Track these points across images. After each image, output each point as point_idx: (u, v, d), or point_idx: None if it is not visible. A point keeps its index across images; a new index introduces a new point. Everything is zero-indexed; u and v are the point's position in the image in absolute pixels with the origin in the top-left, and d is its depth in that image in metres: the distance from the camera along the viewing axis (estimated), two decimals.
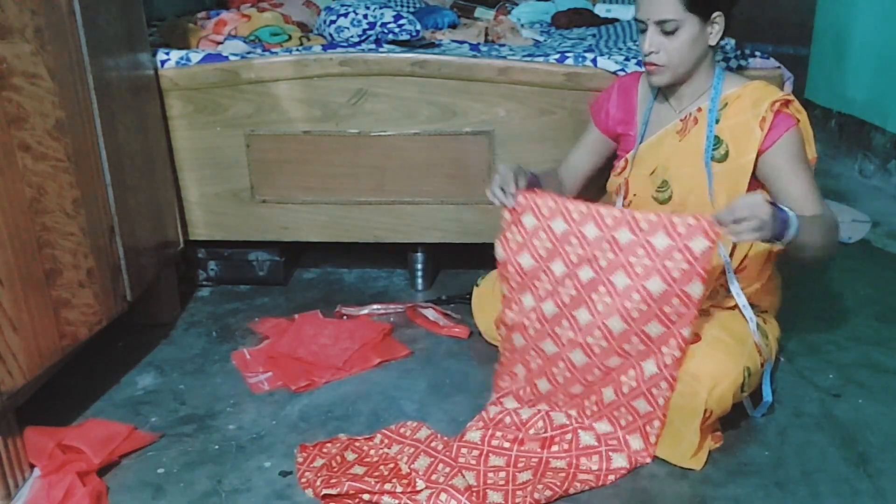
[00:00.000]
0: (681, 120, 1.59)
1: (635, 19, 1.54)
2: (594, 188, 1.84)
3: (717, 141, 1.54)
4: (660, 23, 1.49)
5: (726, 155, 1.53)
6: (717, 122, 1.54)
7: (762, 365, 1.53)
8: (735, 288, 1.53)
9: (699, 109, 1.57)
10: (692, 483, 1.41)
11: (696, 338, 1.45)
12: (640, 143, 1.65)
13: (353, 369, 1.77)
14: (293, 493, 1.39)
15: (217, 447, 1.51)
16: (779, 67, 1.94)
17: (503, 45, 2.39)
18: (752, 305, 1.58)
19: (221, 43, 2.16)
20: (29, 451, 1.40)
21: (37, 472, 1.39)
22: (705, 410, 1.40)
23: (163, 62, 1.95)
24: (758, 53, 1.96)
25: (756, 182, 1.54)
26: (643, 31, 1.52)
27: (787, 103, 1.51)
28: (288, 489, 1.40)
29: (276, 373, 1.75)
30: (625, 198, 1.69)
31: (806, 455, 1.49)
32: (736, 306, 1.55)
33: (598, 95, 1.77)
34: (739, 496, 1.38)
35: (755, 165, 1.51)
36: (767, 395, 1.58)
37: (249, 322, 1.99)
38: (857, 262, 2.41)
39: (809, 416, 1.62)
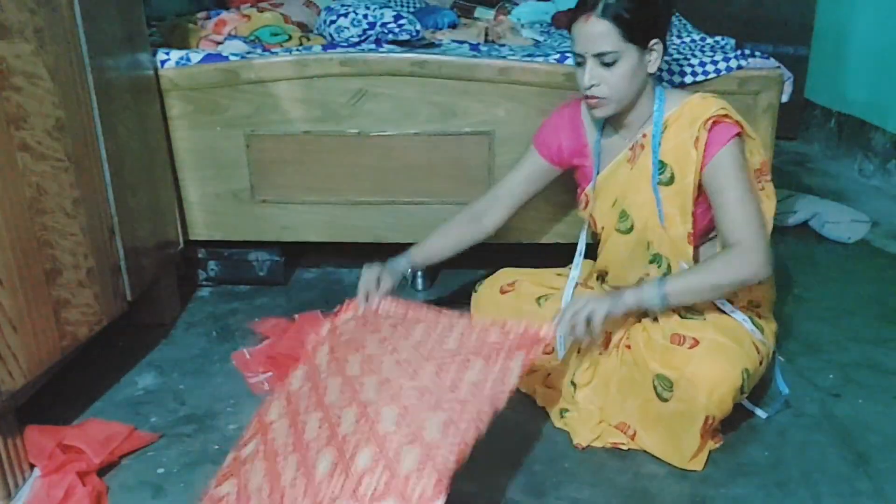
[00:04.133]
0: (629, 149, 1.58)
1: (573, 53, 1.51)
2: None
3: (662, 165, 1.52)
4: (599, 55, 1.46)
5: (672, 178, 1.52)
6: (661, 145, 1.53)
7: (761, 363, 1.53)
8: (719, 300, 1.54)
9: (644, 135, 1.56)
10: (692, 483, 1.41)
11: (694, 342, 1.44)
12: (597, 174, 1.64)
13: None
14: None
15: (217, 447, 1.51)
16: (779, 67, 1.94)
17: (503, 45, 2.39)
18: (746, 300, 1.60)
19: (221, 43, 2.16)
20: (29, 451, 1.40)
21: (37, 472, 1.39)
22: (707, 417, 1.40)
23: (163, 62, 1.95)
24: (758, 53, 1.96)
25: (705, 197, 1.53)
26: (580, 65, 1.50)
27: (720, 118, 1.47)
28: None
29: (277, 373, 1.75)
30: (595, 232, 1.70)
31: (806, 455, 1.49)
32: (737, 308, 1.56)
33: (542, 128, 1.74)
34: (739, 496, 1.38)
35: (700, 184, 1.50)
36: (783, 387, 1.59)
37: (249, 322, 1.99)
38: (857, 262, 2.41)
39: (809, 416, 1.62)
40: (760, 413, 1.60)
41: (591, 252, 1.76)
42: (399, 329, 1.53)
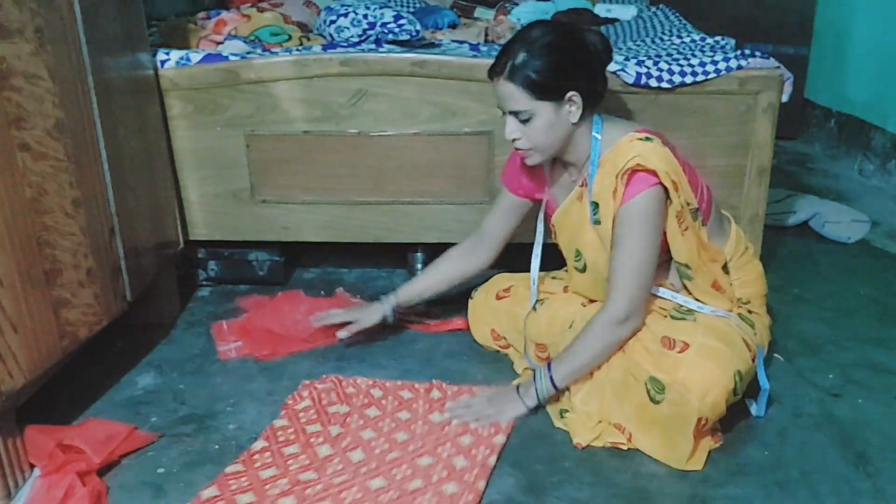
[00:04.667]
0: (579, 185, 1.61)
1: (497, 106, 1.55)
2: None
3: (595, 205, 1.55)
4: (513, 113, 1.51)
5: (600, 220, 1.54)
6: (594, 185, 1.55)
7: (753, 359, 1.53)
8: (694, 304, 1.56)
9: (587, 176, 1.58)
10: (692, 483, 1.41)
11: (684, 346, 1.44)
12: (557, 209, 1.68)
13: (318, 342, 1.87)
14: None
15: (217, 447, 1.51)
16: (778, 67, 1.94)
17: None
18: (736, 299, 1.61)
19: (221, 43, 2.17)
20: (29, 451, 1.40)
21: (37, 472, 1.39)
22: (699, 419, 1.40)
23: (163, 62, 1.95)
24: (758, 53, 1.96)
25: None
26: (504, 116, 1.54)
27: (637, 169, 1.46)
28: None
29: (246, 342, 1.88)
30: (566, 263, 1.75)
31: (806, 455, 1.49)
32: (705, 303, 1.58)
33: (507, 165, 1.78)
34: (739, 496, 1.38)
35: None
36: (763, 382, 1.58)
37: (238, 299, 2.09)
38: (857, 262, 2.41)
39: (809, 416, 1.62)
40: (752, 410, 1.60)
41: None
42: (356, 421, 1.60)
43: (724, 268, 1.60)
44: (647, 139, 1.49)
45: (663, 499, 1.38)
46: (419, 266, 2.18)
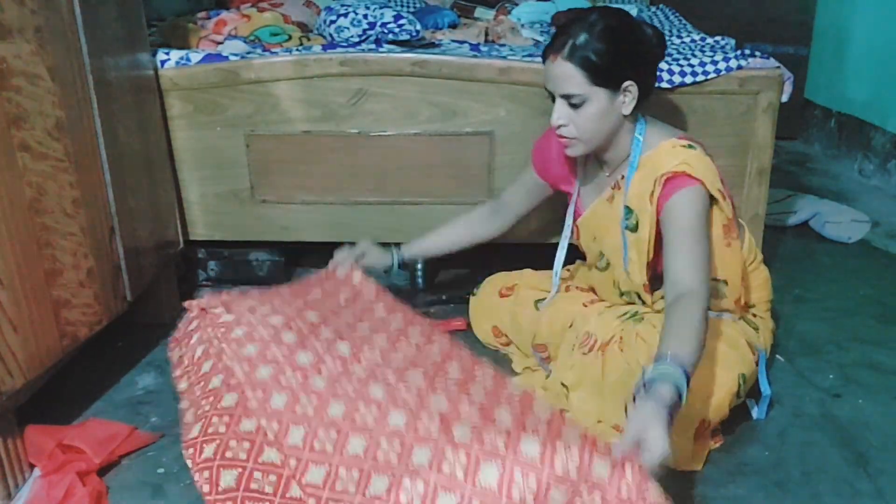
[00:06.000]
0: (611, 187, 1.58)
1: (545, 88, 1.49)
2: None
3: (628, 210, 1.50)
4: (565, 96, 1.44)
5: (637, 225, 1.50)
6: (630, 189, 1.51)
7: (756, 362, 1.53)
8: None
9: (622, 176, 1.54)
10: (692, 483, 1.41)
11: None
12: (585, 209, 1.65)
13: None
14: None
15: None
16: (779, 67, 1.94)
17: (503, 45, 2.39)
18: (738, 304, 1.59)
19: (221, 43, 2.16)
20: (29, 451, 1.40)
21: (37, 472, 1.39)
22: (702, 421, 1.40)
23: (163, 62, 1.95)
24: (758, 53, 1.96)
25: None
26: (553, 100, 1.47)
27: (678, 174, 1.42)
28: None
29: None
30: (586, 263, 1.72)
31: (806, 455, 1.49)
32: (723, 310, 1.55)
33: (539, 141, 1.74)
34: (739, 496, 1.38)
35: (657, 233, 1.48)
36: (765, 388, 1.58)
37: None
38: (857, 262, 2.41)
39: (809, 416, 1.62)
40: (754, 413, 1.59)
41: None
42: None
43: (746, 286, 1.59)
44: (691, 146, 1.46)
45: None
46: (419, 266, 2.18)
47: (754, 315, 1.62)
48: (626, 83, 1.44)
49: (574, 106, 1.44)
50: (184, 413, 1.32)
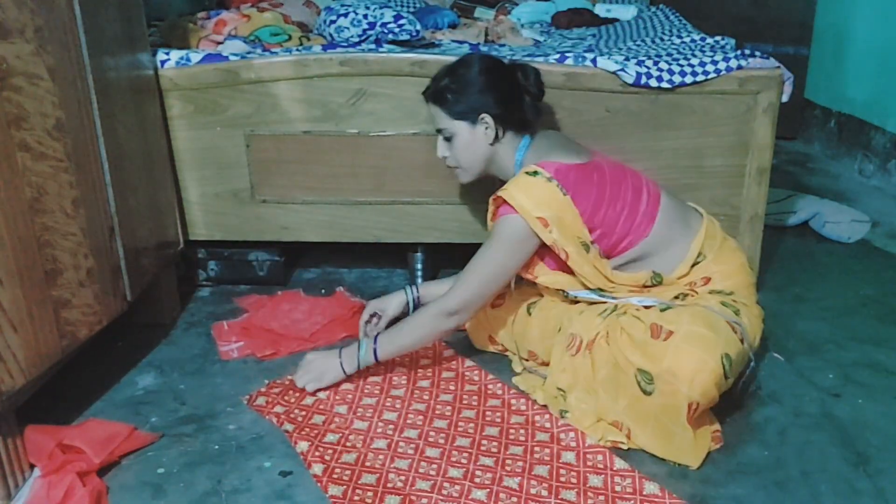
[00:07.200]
0: None
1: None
2: None
3: None
4: (439, 131, 1.70)
5: None
6: None
7: (742, 342, 1.51)
8: (646, 300, 1.58)
9: None
10: (692, 483, 1.42)
11: (669, 334, 1.44)
12: None
13: (319, 342, 1.89)
14: (293, 493, 1.39)
15: (217, 447, 1.52)
16: (778, 67, 1.94)
17: (503, 45, 2.39)
18: (717, 291, 1.60)
19: (221, 43, 2.16)
20: (29, 451, 1.40)
21: (37, 472, 1.39)
22: (690, 404, 1.41)
23: (163, 62, 1.95)
24: (758, 53, 1.96)
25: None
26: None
27: (498, 199, 1.61)
28: (288, 489, 1.40)
29: (247, 342, 1.88)
30: None
31: (806, 455, 1.49)
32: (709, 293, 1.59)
33: None
34: (739, 496, 1.38)
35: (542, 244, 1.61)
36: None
37: (237, 298, 2.11)
38: (857, 262, 2.41)
39: (809, 416, 1.62)
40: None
41: None
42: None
43: (650, 284, 1.65)
44: (535, 174, 1.58)
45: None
46: (419, 266, 2.18)
47: (734, 301, 1.61)
48: (482, 116, 1.64)
49: (447, 139, 1.69)
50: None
